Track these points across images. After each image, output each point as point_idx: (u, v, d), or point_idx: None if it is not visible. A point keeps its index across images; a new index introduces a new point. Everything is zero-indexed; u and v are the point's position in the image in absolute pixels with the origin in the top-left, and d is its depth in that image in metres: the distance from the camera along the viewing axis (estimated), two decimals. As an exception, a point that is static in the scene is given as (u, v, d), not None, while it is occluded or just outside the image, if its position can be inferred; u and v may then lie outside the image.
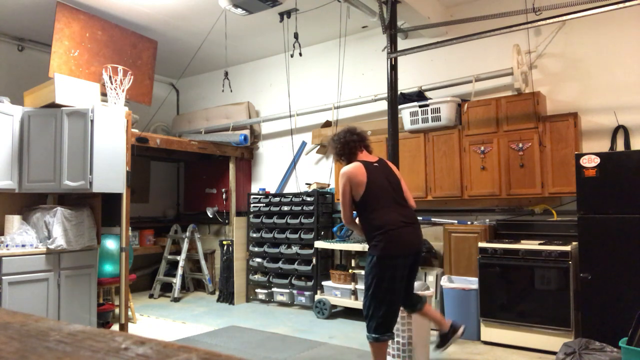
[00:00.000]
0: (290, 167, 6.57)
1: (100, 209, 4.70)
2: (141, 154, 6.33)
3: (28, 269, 4.11)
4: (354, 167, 3.20)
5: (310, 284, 5.64)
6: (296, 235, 5.82)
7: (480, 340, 4.28)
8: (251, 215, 6.29)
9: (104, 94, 4.91)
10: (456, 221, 4.94)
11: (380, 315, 3.07)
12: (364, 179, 3.14)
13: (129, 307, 4.94)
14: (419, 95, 5.10)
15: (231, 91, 6.23)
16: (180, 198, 7.92)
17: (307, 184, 6.23)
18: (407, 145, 5.06)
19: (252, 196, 6.36)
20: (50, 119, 4.40)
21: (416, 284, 3.65)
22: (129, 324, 4.88)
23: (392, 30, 4.59)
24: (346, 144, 3.33)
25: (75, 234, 4.40)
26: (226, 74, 5.66)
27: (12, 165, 4.34)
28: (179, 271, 6.55)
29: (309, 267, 5.63)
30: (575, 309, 3.87)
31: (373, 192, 3.15)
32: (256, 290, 6.18)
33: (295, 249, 5.81)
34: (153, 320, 5.38)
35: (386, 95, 4.73)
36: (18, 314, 0.64)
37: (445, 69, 5.29)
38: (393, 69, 4.59)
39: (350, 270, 5.27)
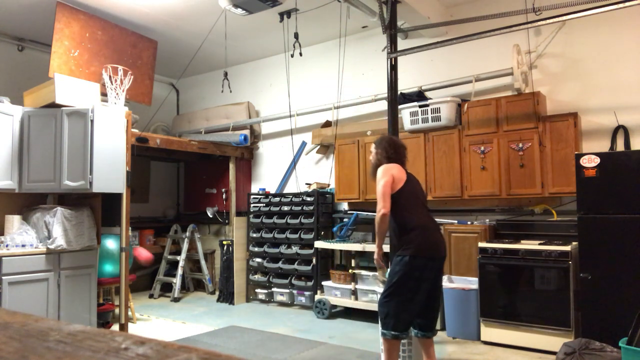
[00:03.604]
0: (290, 167, 6.57)
1: (100, 209, 4.70)
2: (141, 154, 6.34)
3: (28, 269, 4.11)
4: (396, 165, 3.30)
5: (310, 284, 5.64)
6: (296, 235, 5.82)
7: (480, 340, 4.28)
8: (251, 215, 6.29)
9: (104, 94, 4.91)
10: (456, 221, 4.94)
11: (401, 312, 3.10)
12: (404, 176, 3.25)
13: (129, 307, 4.94)
14: (419, 95, 5.10)
15: (230, 92, 6.22)
16: (180, 198, 7.93)
17: (307, 184, 6.23)
18: (407, 145, 5.01)
19: (252, 196, 6.36)
20: (50, 119, 4.39)
21: None
22: (129, 324, 4.88)
23: (392, 30, 4.59)
24: (397, 147, 3.42)
25: (75, 234, 4.40)
26: (225, 74, 5.66)
27: (12, 165, 4.34)
28: (179, 271, 6.55)
29: (309, 267, 5.63)
30: (575, 309, 3.87)
31: (409, 192, 3.24)
32: (256, 290, 6.18)
33: (295, 249, 5.81)
34: (153, 320, 5.39)
35: (386, 95, 4.72)
36: (18, 314, 0.64)
37: (445, 69, 5.29)
38: (393, 69, 4.59)
39: (350, 270, 5.27)
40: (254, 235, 6.22)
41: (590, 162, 3.80)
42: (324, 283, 5.44)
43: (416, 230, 3.14)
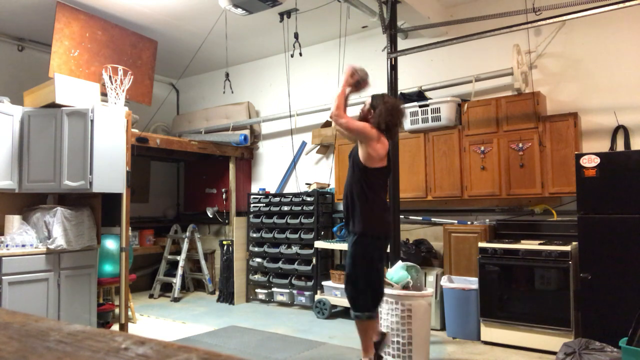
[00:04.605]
0: (290, 167, 6.57)
1: (100, 209, 4.70)
2: (141, 154, 6.33)
3: (28, 269, 4.10)
4: (386, 143, 3.22)
5: (310, 284, 5.63)
6: (296, 235, 5.82)
7: (480, 340, 4.28)
8: (251, 215, 6.29)
9: (104, 94, 4.91)
10: (456, 221, 4.94)
11: (370, 290, 3.17)
12: (385, 155, 3.22)
13: (129, 307, 4.94)
14: (419, 95, 5.10)
15: (232, 92, 6.23)
16: (180, 198, 7.92)
17: (307, 184, 6.23)
18: (407, 145, 5.06)
19: (252, 196, 6.36)
20: (50, 119, 4.39)
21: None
22: (129, 324, 4.88)
23: (392, 30, 4.59)
24: (397, 114, 3.22)
25: (75, 234, 4.40)
26: (227, 75, 5.66)
27: (12, 165, 4.33)
28: (179, 271, 6.55)
29: (309, 267, 5.63)
30: (575, 309, 3.87)
31: (385, 174, 3.26)
32: (256, 290, 6.18)
33: (295, 249, 5.81)
34: (153, 320, 5.38)
35: (386, 95, 4.72)
36: (18, 314, 0.64)
37: (445, 69, 5.29)
38: (393, 69, 4.59)
39: (350, 270, 5.27)
40: (254, 235, 6.22)
41: (590, 162, 3.80)
42: (324, 283, 5.43)
43: (378, 211, 3.18)
